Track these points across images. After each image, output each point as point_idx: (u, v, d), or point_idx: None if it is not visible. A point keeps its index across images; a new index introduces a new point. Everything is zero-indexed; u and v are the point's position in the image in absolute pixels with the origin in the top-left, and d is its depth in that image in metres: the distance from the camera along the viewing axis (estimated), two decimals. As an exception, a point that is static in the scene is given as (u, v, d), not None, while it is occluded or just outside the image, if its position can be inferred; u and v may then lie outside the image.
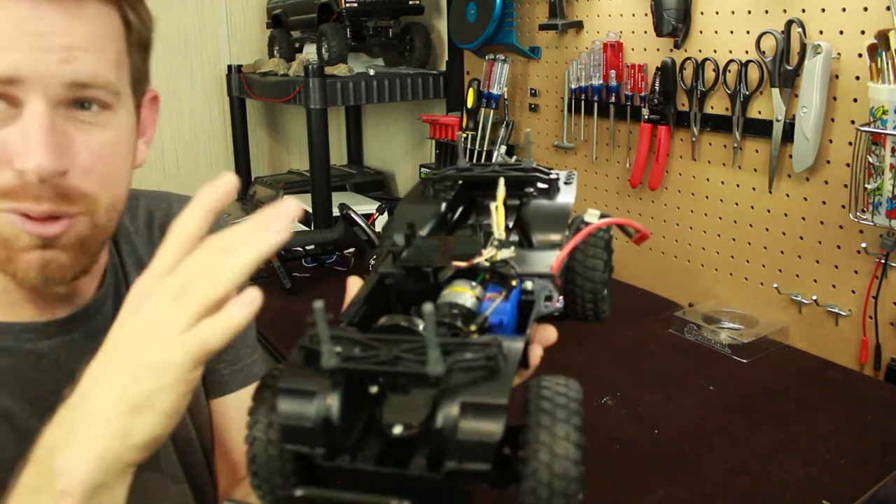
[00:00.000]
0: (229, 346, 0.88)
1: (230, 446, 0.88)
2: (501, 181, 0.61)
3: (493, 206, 0.60)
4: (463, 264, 0.54)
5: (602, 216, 0.58)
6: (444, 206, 0.64)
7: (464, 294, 0.53)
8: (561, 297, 0.56)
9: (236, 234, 0.50)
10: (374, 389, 0.45)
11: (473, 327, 0.50)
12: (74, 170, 0.62)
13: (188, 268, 0.51)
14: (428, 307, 0.42)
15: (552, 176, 0.65)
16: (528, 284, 0.54)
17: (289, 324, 1.44)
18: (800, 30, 1.21)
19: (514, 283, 0.54)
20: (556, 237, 0.59)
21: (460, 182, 0.67)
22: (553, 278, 0.54)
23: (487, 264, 0.55)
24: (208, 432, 0.86)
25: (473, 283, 0.55)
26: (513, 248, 0.56)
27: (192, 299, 0.49)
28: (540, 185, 0.65)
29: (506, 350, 0.44)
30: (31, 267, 0.62)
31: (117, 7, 0.64)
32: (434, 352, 0.42)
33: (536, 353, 0.54)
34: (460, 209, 0.67)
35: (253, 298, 0.49)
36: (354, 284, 0.61)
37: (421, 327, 0.48)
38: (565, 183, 0.66)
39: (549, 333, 0.56)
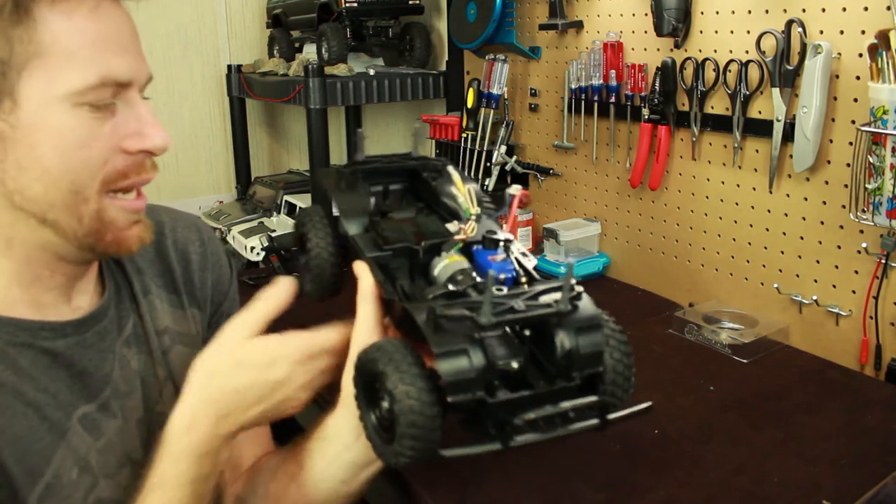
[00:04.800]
0: None
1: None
2: (451, 167, 0.77)
3: (454, 189, 0.74)
4: (462, 237, 0.69)
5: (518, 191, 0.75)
6: (371, 196, 0.77)
7: (461, 262, 0.67)
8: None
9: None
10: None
11: (524, 279, 0.65)
12: None
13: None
14: (570, 263, 0.64)
15: (444, 162, 0.80)
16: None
17: (288, 322, 1.44)
18: (800, 29, 1.21)
19: (509, 245, 0.68)
20: (478, 210, 0.73)
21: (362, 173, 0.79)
22: (512, 240, 0.69)
23: (476, 235, 0.68)
24: None
25: (454, 253, 0.68)
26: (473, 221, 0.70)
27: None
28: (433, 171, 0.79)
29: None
30: (133, 241, 0.74)
31: None
32: (566, 294, 0.58)
33: None
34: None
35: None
36: (363, 268, 0.72)
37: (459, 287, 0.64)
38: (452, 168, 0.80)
39: None
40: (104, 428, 0.74)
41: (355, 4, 1.92)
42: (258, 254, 1.73)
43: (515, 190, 0.73)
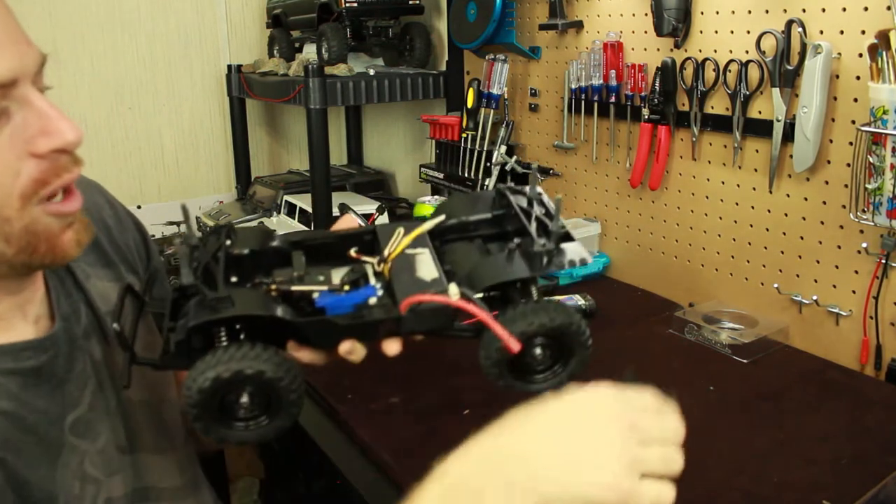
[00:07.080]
0: None
1: None
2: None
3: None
4: (354, 254, 0.71)
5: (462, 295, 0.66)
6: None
7: (342, 271, 0.69)
8: None
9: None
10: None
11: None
12: None
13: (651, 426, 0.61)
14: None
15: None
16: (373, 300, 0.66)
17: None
18: (800, 29, 1.21)
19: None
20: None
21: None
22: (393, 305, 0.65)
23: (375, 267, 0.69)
24: None
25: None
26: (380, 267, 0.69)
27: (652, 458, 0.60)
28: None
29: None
30: (70, 247, 0.67)
31: None
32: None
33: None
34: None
35: None
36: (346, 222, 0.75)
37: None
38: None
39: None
40: (98, 427, 0.73)
41: (355, 4, 1.92)
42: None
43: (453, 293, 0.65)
